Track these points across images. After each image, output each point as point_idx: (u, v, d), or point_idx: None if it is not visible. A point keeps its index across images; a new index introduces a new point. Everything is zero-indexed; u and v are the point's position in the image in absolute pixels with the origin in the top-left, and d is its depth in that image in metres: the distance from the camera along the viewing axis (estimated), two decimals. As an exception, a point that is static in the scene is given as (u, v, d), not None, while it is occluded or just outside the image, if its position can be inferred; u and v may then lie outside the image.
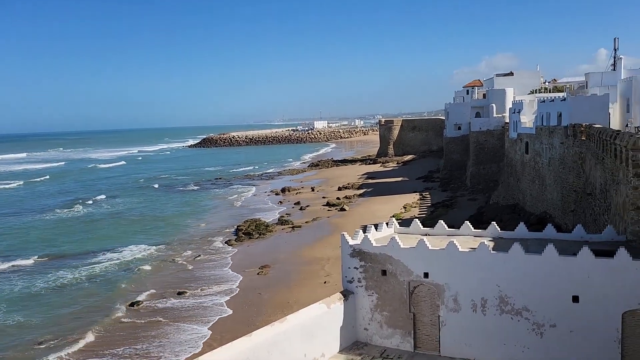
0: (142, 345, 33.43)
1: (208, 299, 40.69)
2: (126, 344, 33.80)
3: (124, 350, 32.94)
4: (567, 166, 40.92)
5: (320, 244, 53.47)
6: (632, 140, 21.00)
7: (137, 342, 33.81)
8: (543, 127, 47.92)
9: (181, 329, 35.62)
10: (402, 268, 22.69)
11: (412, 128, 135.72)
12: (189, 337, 34.14)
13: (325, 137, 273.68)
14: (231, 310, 38.21)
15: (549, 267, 20.22)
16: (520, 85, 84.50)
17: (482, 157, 76.12)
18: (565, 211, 40.92)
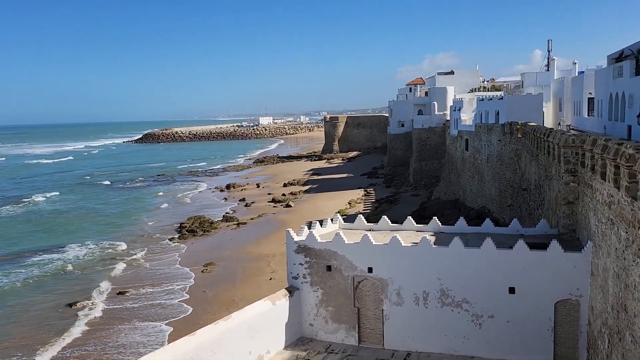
0: (97, 347, 32.32)
1: (152, 299, 39.72)
2: (76, 345, 32.63)
3: (72, 352, 31.80)
4: (504, 163, 42.48)
5: (265, 240, 53.21)
6: (564, 138, 22.00)
7: (88, 344, 32.66)
8: (482, 125, 49.51)
9: (137, 327, 34.68)
10: (347, 263, 22.91)
11: (357, 125, 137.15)
12: (142, 338, 33.18)
13: (271, 133, 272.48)
14: (181, 309, 37.45)
15: (487, 260, 20.95)
16: (460, 83, 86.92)
17: (425, 153, 77.86)
18: (503, 206, 42.50)
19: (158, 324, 35.07)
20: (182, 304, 38.16)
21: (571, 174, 21.52)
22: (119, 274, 46.40)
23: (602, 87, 38.21)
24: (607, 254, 16.74)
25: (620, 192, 14.78)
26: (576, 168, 21.35)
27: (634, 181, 13.65)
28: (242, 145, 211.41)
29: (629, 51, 34.32)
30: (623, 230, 14.71)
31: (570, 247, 20.32)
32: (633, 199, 13.61)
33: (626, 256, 14.47)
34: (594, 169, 18.43)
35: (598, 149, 17.36)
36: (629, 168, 13.91)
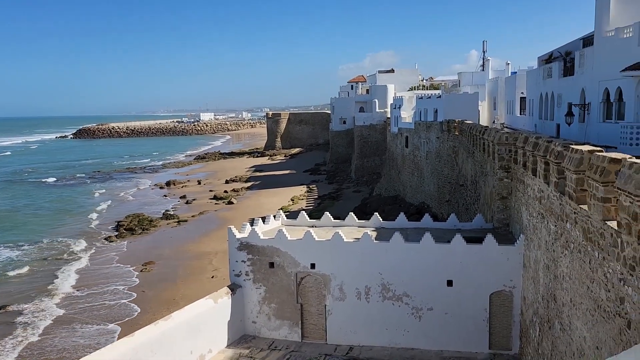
0: (35, 352, 30.76)
1: (94, 300, 38.29)
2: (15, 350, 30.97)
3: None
4: (442, 159, 43.70)
5: (207, 238, 52.42)
6: (498, 136, 22.87)
7: (30, 349, 31.05)
8: (421, 123, 50.69)
9: (81, 330, 33.30)
10: (290, 260, 22.91)
11: (299, 121, 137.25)
12: (86, 341, 31.87)
13: (212, 129, 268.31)
14: (127, 309, 36.26)
15: (426, 254, 21.50)
16: (400, 82, 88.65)
17: (366, 150, 78.92)
18: (441, 201, 43.73)
19: (103, 326, 33.87)
20: (129, 304, 37.03)
21: (505, 170, 22.41)
22: (54, 275, 44.41)
23: (533, 87, 40.00)
24: (537, 247, 17.56)
25: (550, 188, 15.53)
26: (509, 165, 22.25)
27: (562, 177, 14.37)
28: (183, 142, 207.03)
29: (558, 53, 36.08)
30: (552, 224, 15.47)
31: (504, 241, 21.19)
32: (561, 194, 14.33)
33: (555, 248, 15.22)
34: (525, 166, 19.28)
35: (529, 146, 18.16)
36: (558, 165, 14.63)
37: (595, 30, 27.23)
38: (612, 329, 10.62)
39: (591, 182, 11.75)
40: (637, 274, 9.40)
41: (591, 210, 11.83)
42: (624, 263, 10.00)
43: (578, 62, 29.80)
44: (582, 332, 12.76)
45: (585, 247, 12.40)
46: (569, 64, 32.24)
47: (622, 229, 9.94)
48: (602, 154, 11.74)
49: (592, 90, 27.69)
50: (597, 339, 11.58)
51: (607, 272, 10.94)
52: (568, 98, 30.85)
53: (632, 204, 9.39)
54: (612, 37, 25.61)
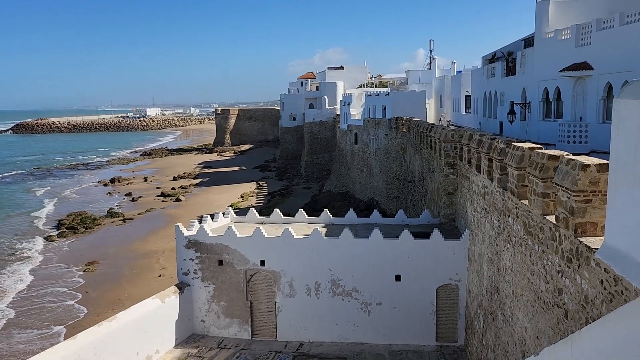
0: None
1: (35, 302, 36.63)
2: None
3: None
4: (391, 156, 44.37)
5: (154, 236, 51.19)
6: (444, 133, 23.41)
7: None
8: (370, 120, 51.26)
9: (23, 334, 31.67)
10: (239, 257, 22.69)
11: (249, 117, 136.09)
12: (28, 346, 30.37)
13: (159, 125, 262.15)
14: (72, 311, 34.87)
15: (375, 250, 21.77)
16: (350, 79, 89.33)
17: (316, 147, 79.13)
18: (390, 197, 44.41)
19: (46, 330, 32.45)
20: (74, 306, 35.63)
21: (450, 166, 22.97)
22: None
23: (478, 86, 41.18)
24: (482, 241, 18.10)
25: (493, 184, 16.03)
26: (455, 161, 22.82)
27: (505, 173, 14.85)
28: (128, 138, 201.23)
29: (501, 53, 37.27)
30: (495, 219, 15.97)
31: (450, 236, 21.73)
32: (504, 189, 14.81)
33: (498, 242, 15.73)
34: (470, 162, 19.82)
35: (474, 143, 18.67)
36: (500, 161, 15.11)
37: (535, 31, 28.29)
38: (551, 319, 11.07)
39: (531, 178, 12.19)
40: (573, 266, 9.83)
41: (531, 205, 12.28)
42: (561, 256, 10.43)
43: (519, 62, 30.88)
44: (523, 323, 13.25)
45: (526, 241, 12.87)
46: (511, 64, 33.37)
47: (560, 223, 10.36)
48: (542, 151, 12.20)
49: (532, 90, 28.76)
50: (537, 329, 12.04)
51: (546, 265, 11.39)
52: (510, 97, 31.93)
53: (569, 199, 9.80)
54: (551, 39, 26.67)
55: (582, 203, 9.58)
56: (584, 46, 24.16)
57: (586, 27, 24.02)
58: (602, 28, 22.95)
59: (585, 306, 9.25)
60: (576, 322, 9.63)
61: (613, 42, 22.00)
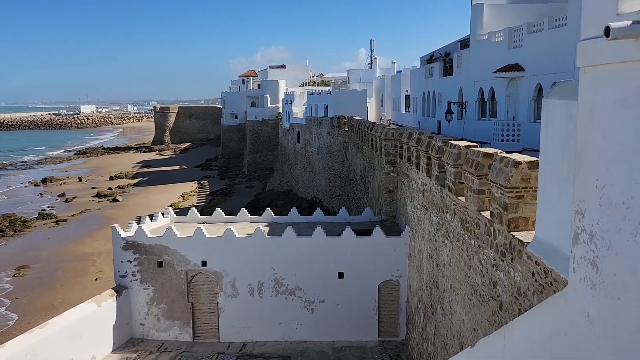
0: None
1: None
2: None
3: None
4: (333, 154, 44.68)
5: (89, 238, 49.30)
6: (384, 132, 23.79)
7: None
8: (312, 118, 51.43)
9: None
10: (180, 258, 22.22)
11: (189, 116, 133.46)
12: None
13: (94, 123, 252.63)
14: (3, 319, 32.91)
15: (318, 248, 21.86)
16: (292, 77, 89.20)
17: (258, 145, 78.61)
18: (332, 195, 44.73)
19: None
20: (3, 313, 33.71)
21: (391, 164, 23.38)
22: None
23: (417, 86, 42.13)
24: (421, 237, 18.53)
25: (432, 181, 16.43)
26: (395, 159, 23.25)
27: (442, 171, 15.26)
28: (61, 136, 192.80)
29: (439, 54, 38.27)
30: (434, 215, 16.38)
31: (391, 232, 22.12)
32: (442, 186, 15.22)
33: (437, 238, 16.15)
34: (410, 160, 20.24)
35: (413, 142, 19.08)
36: (439, 159, 15.51)
37: (470, 33, 29.22)
38: (487, 311, 11.47)
39: (468, 175, 12.58)
40: (507, 260, 10.22)
41: (468, 202, 12.67)
42: (496, 250, 10.82)
43: (456, 63, 31.82)
44: (461, 316, 13.66)
45: (463, 236, 13.27)
46: (448, 65, 34.33)
47: (495, 219, 10.74)
48: (477, 149, 12.61)
49: (468, 90, 29.71)
50: (474, 321, 12.45)
51: (482, 259, 11.79)
52: (448, 96, 32.85)
53: (502, 195, 10.17)
54: (485, 41, 27.63)
55: (515, 199, 9.97)
56: (516, 48, 25.17)
57: (518, 30, 25.04)
58: (533, 31, 23.99)
59: (518, 298, 9.64)
60: (510, 314, 10.02)
61: (542, 45, 23.03)
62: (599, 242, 4.33)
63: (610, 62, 4.11)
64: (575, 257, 4.75)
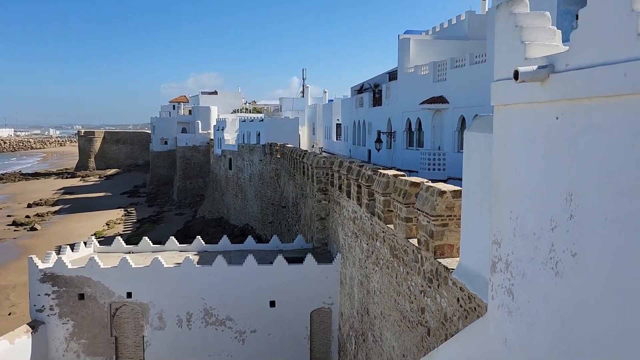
0: None
1: None
2: None
3: None
4: (265, 181, 44.58)
5: (3, 270, 46.10)
6: (316, 160, 24.07)
7: None
8: (244, 145, 51.24)
9: None
10: (103, 290, 21.23)
11: (117, 141, 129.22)
12: None
13: (12, 147, 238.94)
14: None
15: (249, 277, 21.57)
16: (224, 104, 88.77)
17: (189, 172, 77.15)
18: (264, 223, 44.44)
19: None
20: None
21: (322, 192, 23.62)
22: None
23: (347, 115, 43.08)
24: (352, 264, 18.73)
25: (362, 209, 16.74)
26: (327, 187, 23.52)
27: (372, 199, 15.59)
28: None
29: (368, 85, 39.43)
30: (365, 242, 16.65)
31: (323, 260, 22.21)
32: (372, 214, 15.52)
33: (367, 265, 16.38)
34: (341, 188, 20.55)
35: (344, 170, 19.42)
36: (368, 187, 15.85)
37: (398, 66, 30.38)
38: (415, 337, 11.70)
39: (396, 204, 12.93)
40: (434, 286, 10.52)
41: (396, 229, 12.99)
42: (423, 276, 11.13)
43: (385, 94, 32.89)
44: (391, 342, 13.84)
45: (392, 263, 13.55)
46: (377, 95, 35.41)
47: (422, 246, 11.07)
48: (405, 178, 13.02)
49: (397, 120, 30.72)
50: (404, 347, 12.66)
51: (410, 285, 12.06)
52: (377, 126, 33.79)
53: (429, 223, 10.53)
54: (412, 74, 28.79)
55: (440, 227, 10.34)
56: (440, 82, 26.39)
57: (442, 64, 26.30)
58: (456, 66, 25.27)
59: (445, 323, 9.92)
60: (437, 339, 10.28)
61: (465, 79, 24.30)
62: (514, 270, 4.58)
63: (520, 102, 4.42)
64: (494, 285, 4.99)
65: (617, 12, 3.49)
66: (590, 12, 3.76)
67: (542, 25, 4.48)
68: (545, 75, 4.02)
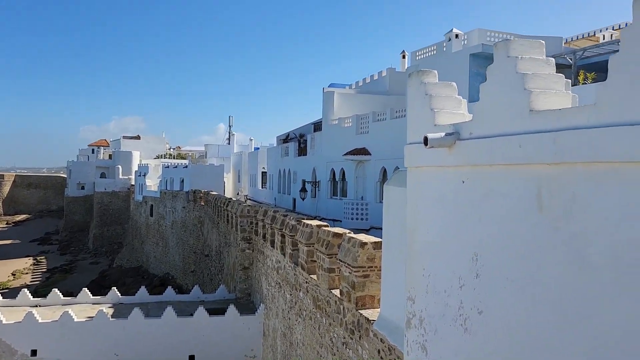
0: None
1: None
2: None
3: None
4: (188, 229, 43.50)
5: None
6: (240, 208, 23.91)
7: None
8: (167, 192, 50.04)
9: None
10: (4, 347, 19.57)
11: (28, 185, 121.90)
12: None
13: None
14: None
15: (168, 330, 20.69)
16: (147, 149, 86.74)
17: (107, 218, 73.92)
18: (186, 272, 43.07)
19: None
20: None
21: (246, 241, 23.38)
22: None
23: (273, 164, 43.36)
24: (276, 315, 18.47)
25: (286, 259, 16.70)
26: (251, 236, 23.32)
27: (296, 249, 15.62)
28: None
29: (294, 135, 40.08)
30: (288, 293, 16.53)
31: (246, 311, 21.75)
32: (295, 264, 15.52)
33: (290, 316, 16.22)
34: (265, 237, 20.44)
35: (268, 219, 19.39)
36: (292, 237, 15.90)
37: (323, 118, 31.21)
38: (337, 390, 11.61)
39: (319, 254, 13.03)
40: (356, 337, 10.58)
41: (319, 280, 13.05)
42: (345, 328, 11.18)
43: (310, 144, 33.54)
44: (313, 396, 13.63)
45: (315, 314, 13.51)
46: (302, 145, 36.02)
47: (344, 297, 11.17)
48: (328, 228, 13.20)
49: (321, 170, 31.28)
50: (326, 400, 12.50)
51: (332, 337, 12.05)
52: (302, 175, 34.21)
53: (350, 274, 10.68)
54: (336, 125, 29.64)
55: (362, 278, 10.52)
56: (363, 134, 27.32)
57: (364, 117, 27.32)
58: (377, 120, 26.33)
59: (366, 376, 9.95)
60: (358, 392, 10.26)
61: (386, 132, 25.31)
62: (427, 326, 4.76)
63: (430, 165, 4.72)
64: (409, 341, 5.14)
65: (512, 89, 3.88)
66: (489, 87, 4.14)
67: (449, 94, 4.86)
68: (452, 142, 4.34)
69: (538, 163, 3.56)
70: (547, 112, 3.57)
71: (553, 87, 3.83)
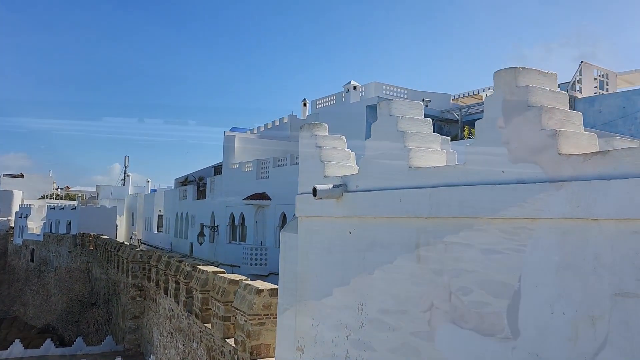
0: None
1: None
2: None
3: None
4: (74, 275, 40.55)
5: None
6: (132, 253, 22.81)
7: None
8: (51, 235, 46.63)
9: None
10: None
11: None
12: None
13: None
14: None
15: (44, 388, 18.89)
16: (31, 188, 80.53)
17: (-20, 264, 67.06)
18: (70, 322, 39.87)
19: None
20: None
21: (138, 288, 22.23)
22: None
23: (170, 207, 42.01)
24: (166, 367, 17.53)
25: (180, 307, 16.05)
26: (143, 283, 22.22)
27: (190, 296, 15.11)
28: None
29: (193, 177, 39.32)
30: (181, 343, 15.82)
31: (134, 363, 20.46)
32: (189, 312, 14.96)
33: (182, 368, 15.48)
34: (158, 284, 19.57)
35: (162, 265, 18.64)
36: (187, 284, 15.38)
37: (223, 161, 30.99)
38: None
39: (214, 302, 12.69)
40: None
41: (214, 329, 12.66)
42: (239, 379, 10.86)
43: (209, 187, 33.01)
44: None
45: (208, 365, 13.02)
46: (202, 188, 35.36)
47: (239, 346, 10.90)
48: (224, 275, 12.95)
49: (220, 214, 30.79)
50: None
51: (225, 389, 11.65)
52: (201, 219, 33.43)
53: (246, 322, 10.48)
54: (237, 169, 29.52)
55: (257, 326, 10.36)
56: (263, 179, 27.41)
57: (265, 162, 27.49)
58: (278, 165, 26.60)
59: None
60: None
61: (286, 178, 25.58)
62: (315, 376, 4.78)
63: (319, 215, 4.87)
64: (298, 391, 5.12)
65: (393, 146, 4.16)
66: (374, 143, 4.41)
67: (338, 147, 5.09)
68: (339, 194, 4.53)
69: (416, 216, 3.81)
70: (423, 169, 3.86)
71: (430, 145, 4.15)
